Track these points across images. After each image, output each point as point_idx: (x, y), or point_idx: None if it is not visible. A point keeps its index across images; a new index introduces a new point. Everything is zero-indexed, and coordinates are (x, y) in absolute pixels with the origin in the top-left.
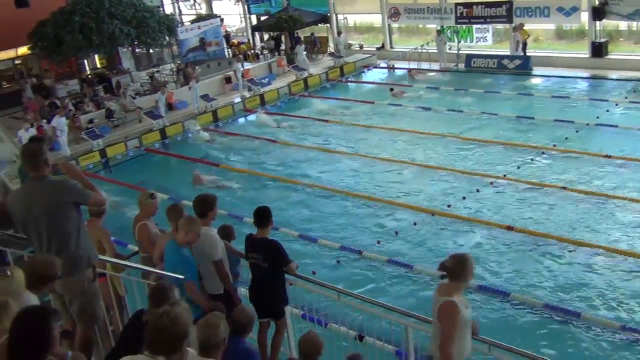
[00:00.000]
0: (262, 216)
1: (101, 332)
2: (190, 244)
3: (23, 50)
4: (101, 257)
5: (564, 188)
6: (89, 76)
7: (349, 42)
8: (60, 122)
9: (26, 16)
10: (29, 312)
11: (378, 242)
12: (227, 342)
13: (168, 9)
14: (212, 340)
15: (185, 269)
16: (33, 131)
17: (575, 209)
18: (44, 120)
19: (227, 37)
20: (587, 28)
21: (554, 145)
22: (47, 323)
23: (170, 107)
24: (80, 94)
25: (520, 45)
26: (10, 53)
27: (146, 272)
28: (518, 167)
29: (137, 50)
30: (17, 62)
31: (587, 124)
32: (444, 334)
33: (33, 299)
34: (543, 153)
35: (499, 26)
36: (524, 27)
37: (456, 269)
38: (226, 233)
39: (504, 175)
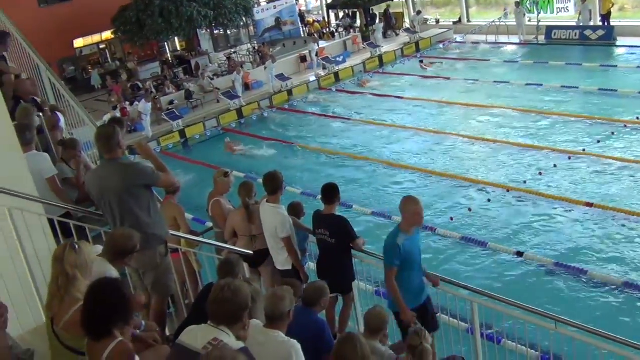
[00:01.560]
0: (329, 192)
1: (176, 305)
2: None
3: (107, 34)
4: (175, 233)
5: None
6: (169, 59)
7: (425, 17)
8: (146, 107)
9: (110, 1)
10: (104, 282)
11: (451, 219)
12: (297, 314)
13: None
14: (277, 312)
15: (387, 255)
16: (117, 113)
17: None
18: (127, 102)
19: (302, 16)
20: None
21: (637, 118)
22: (123, 291)
23: (246, 87)
24: (161, 76)
25: (590, 16)
26: (95, 38)
27: (219, 247)
28: (598, 142)
29: (215, 32)
30: (101, 46)
31: None
32: None
33: (112, 272)
34: (625, 126)
35: None
36: None
37: None
38: (295, 210)
39: (583, 150)
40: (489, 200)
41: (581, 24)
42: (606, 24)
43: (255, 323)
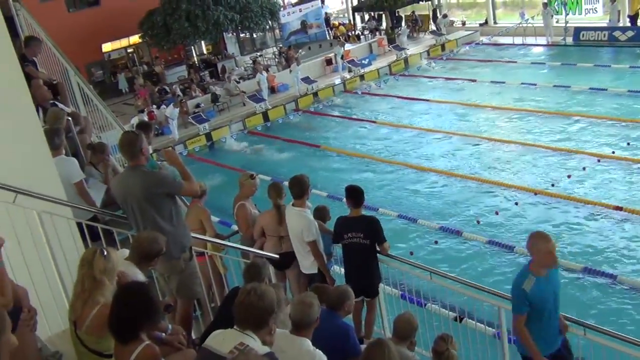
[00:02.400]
0: (358, 195)
1: (202, 308)
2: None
3: (134, 39)
4: (201, 237)
5: None
6: (196, 62)
7: (450, 19)
8: (173, 112)
9: (137, 6)
10: (132, 286)
11: (478, 222)
12: (321, 318)
13: None
14: (305, 319)
15: (512, 301)
16: (144, 117)
17: None
18: (154, 106)
19: (328, 19)
20: None
21: None
22: (150, 294)
23: (272, 90)
24: (188, 80)
25: (619, 17)
26: (123, 42)
27: (245, 251)
28: (628, 144)
29: (241, 35)
30: (129, 50)
31: None
32: None
33: (139, 276)
34: None
35: None
36: None
37: None
38: (321, 214)
39: (613, 153)
40: (516, 204)
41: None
42: (634, 25)
43: (281, 332)
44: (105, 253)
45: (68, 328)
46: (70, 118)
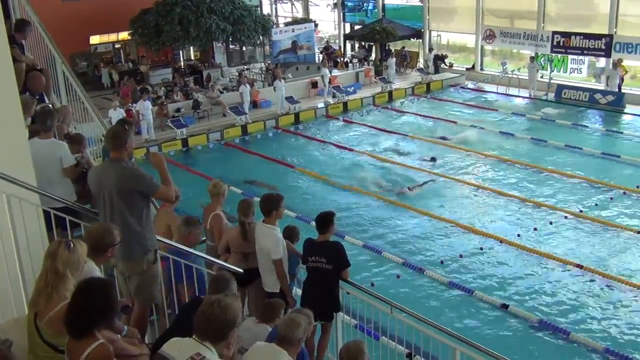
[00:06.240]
0: (324, 222)
1: (159, 313)
2: None
3: (124, 35)
4: (167, 241)
5: None
6: (182, 67)
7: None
8: (144, 105)
9: (131, 2)
10: (91, 282)
11: (441, 262)
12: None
13: (266, 9)
14: (289, 335)
15: None
16: (122, 111)
17: None
18: (134, 104)
19: (327, 47)
20: None
21: (638, 187)
22: (108, 292)
23: (255, 105)
24: (171, 83)
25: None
26: (111, 37)
27: (210, 262)
28: (596, 205)
29: (230, 46)
30: (116, 46)
31: None
32: None
33: (95, 272)
34: (624, 193)
35: (595, 59)
36: (622, 63)
37: None
38: (291, 233)
39: (580, 212)
40: (480, 249)
41: (608, 89)
42: (616, 90)
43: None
44: (71, 245)
45: (21, 316)
46: (50, 105)
